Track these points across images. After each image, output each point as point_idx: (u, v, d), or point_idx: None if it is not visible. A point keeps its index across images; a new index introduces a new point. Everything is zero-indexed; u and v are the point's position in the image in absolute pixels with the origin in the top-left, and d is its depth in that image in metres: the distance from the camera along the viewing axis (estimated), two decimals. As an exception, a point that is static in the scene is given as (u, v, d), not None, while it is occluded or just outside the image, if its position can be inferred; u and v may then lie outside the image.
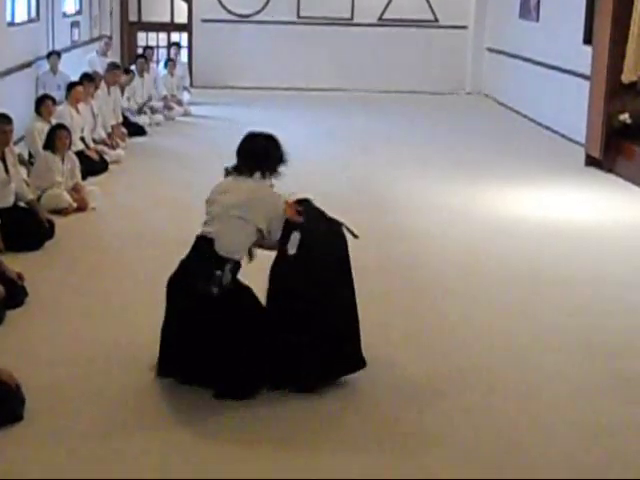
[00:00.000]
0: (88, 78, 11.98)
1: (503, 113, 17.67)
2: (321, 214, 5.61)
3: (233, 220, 5.26)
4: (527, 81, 16.89)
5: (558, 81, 15.10)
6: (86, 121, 11.50)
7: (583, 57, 13.28)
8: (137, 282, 7.08)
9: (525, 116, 16.71)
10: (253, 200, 5.35)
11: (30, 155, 10.40)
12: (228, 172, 5.58)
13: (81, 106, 11.33)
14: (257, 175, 5.49)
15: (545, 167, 12.37)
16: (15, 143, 9.03)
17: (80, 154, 10.32)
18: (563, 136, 14.54)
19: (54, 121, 10.06)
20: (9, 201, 8.00)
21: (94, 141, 11.71)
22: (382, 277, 7.52)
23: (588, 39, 13.46)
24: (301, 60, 19.86)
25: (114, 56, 17.65)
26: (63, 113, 10.71)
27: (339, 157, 12.80)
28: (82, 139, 11.18)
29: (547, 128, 15.39)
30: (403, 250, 8.30)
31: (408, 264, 7.90)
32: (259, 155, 5.67)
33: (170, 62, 16.57)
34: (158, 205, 9.77)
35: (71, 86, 11.33)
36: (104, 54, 16.19)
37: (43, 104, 10.29)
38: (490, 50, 19.58)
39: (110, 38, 17.29)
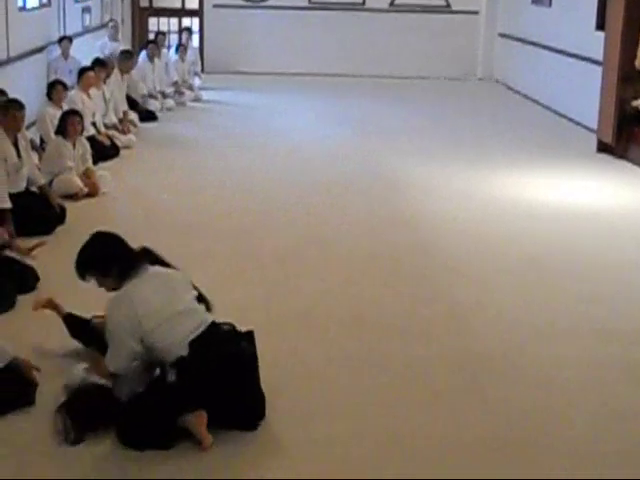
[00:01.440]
0: (100, 63, 11.97)
1: (515, 99, 17.61)
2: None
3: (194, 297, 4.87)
4: (539, 67, 16.82)
5: (570, 67, 15.04)
6: (97, 106, 11.50)
7: (596, 43, 13.21)
8: (148, 267, 7.08)
9: (537, 102, 16.65)
10: (177, 273, 4.99)
11: (42, 140, 10.41)
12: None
13: (92, 91, 11.33)
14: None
15: (557, 153, 12.33)
16: (27, 128, 9.02)
17: (91, 139, 10.33)
18: (575, 122, 14.49)
19: (65, 106, 10.07)
20: (21, 186, 8.01)
21: (105, 126, 11.72)
22: (394, 262, 7.52)
23: (601, 25, 13.38)
24: (312, 45, 19.82)
25: (125, 41, 17.64)
26: (74, 98, 10.72)
27: (349, 142, 12.78)
28: (93, 124, 11.18)
29: (559, 114, 15.33)
30: (414, 235, 8.29)
31: (419, 249, 7.89)
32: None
33: (181, 47, 16.54)
34: (169, 190, 9.78)
35: (82, 71, 11.33)
36: (115, 39, 16.19)
37: (54, 89, 10.30)
38: (502, 36, 19.50)
39: (116, 21, 17.22)
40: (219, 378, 4.56)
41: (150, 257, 4.86)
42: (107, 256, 4.76)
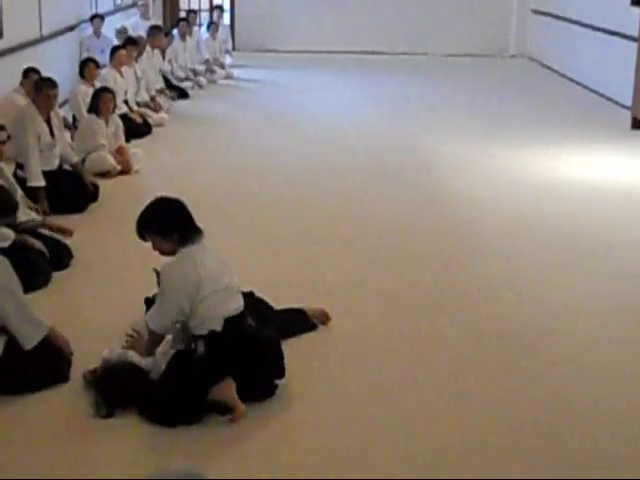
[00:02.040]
0: (131, 42, 12.00)
1: (548, 76, 17.45)
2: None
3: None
4: (573, 43, 16.65)
5: (605, 43, 14.87)
6: (129, 84, 11.53)
7: (631, 18, 13.07)
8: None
9: (571, 79, 16.49)
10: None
11: (74, 118, 10.45)
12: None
13: (124, 69, 11.36)
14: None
15: (590, 130, 12.22)
16: (59, 106, 9.07)
17: (123, 117, 10.35)
18: (609, 99, 14.34)
19: (98, 84, 10.10)
20: (54, 164, 8.06)
21: (137, 104, 11.76)
22: (425, 239, 7.50)
23: (636, 0, 13.23)
24: (344, 23, 19.71)
25: (156, 20, 17.63)
26: (107, 77, 10.76)
27: (381, 120, 12.73)
28: (126, 102, 11.21)
29: (593, 91, 15.18)
30: (446, 212, 8.26)
31: (450, 227, 7.86)
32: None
33: (213, 25, 16.54)
34: (201, 167, 9.80)
35: (115, 50, 11.36)
36: (146, 17, 16.19)
37: (87, 67, 10.33)
38: (535, 12, 19.31)
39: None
40: (246, 357, 4.65)
41: None
42: (171, 220, 4.79)
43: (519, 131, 12.10)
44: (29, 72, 9.30)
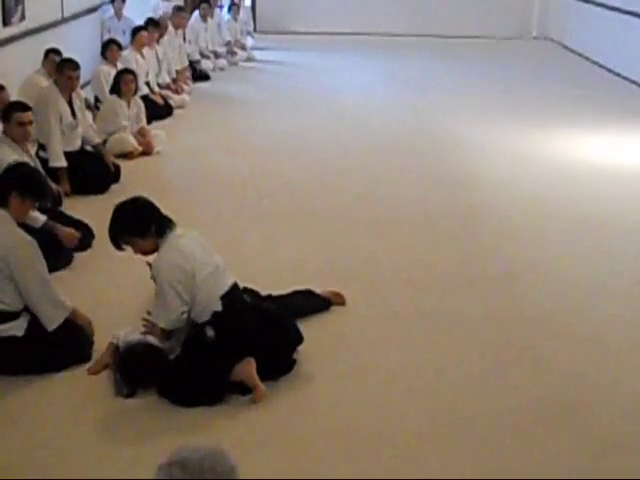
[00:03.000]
0: (153, 23, 11.99)
1: (571, 59, 17.34)
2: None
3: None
4: (596, 25, 16.52)
5: (629, 25, 14.74)
6: (151, 66, 11.52)
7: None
8: (202, 224, 7.10)
9: (594, 62, 16.37)
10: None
11: (96, 99, 10.47)
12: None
13: (146, 51, 11.35)
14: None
15: (615, 114, 12.14)
16: (81, 87, 9.09)
17: (145, 98, 10.35)
18: (634, 82, 14.23)
19: (120, 66, 10.11)
20: (76, 145, 8.08)
21: (159, 86, 11.75)
22: (447, 222, 7.48)
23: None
24: (364, 4, 19.63)
25: (177, 1, 17.61)
26: (128, 58, 10.75)
27: (403, 102, 12.69)
28: (147, 84, 11.22)
29: (617, 74, 15.06)
30: (468, 195, 8.24)
31: (473, 210, 7.84)
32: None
33: (234, 7, 16.51)
34: (222, 149, 9.80)
35: (136, 31, 11.36)
36: (168, -1, 16.19)
37: (109, 48, 10.34)
38: (558, -7, 19.20)
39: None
40: (254, 328, 4.69)
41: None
42: (143, 216, 4.76)
43: (541, 113, 12.03)
44: (50, 53, 9.33)
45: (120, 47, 10.51)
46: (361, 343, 5.25)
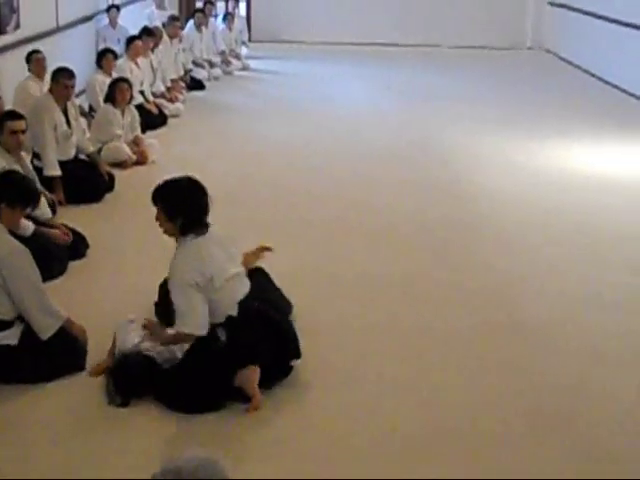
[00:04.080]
0: (148, 32, 12.01)
1: (564, 68, 17.38)
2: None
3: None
4: (589, 36, 16.58)
5: (622, 35, 14.80)
6: (145, 75, 11.55)
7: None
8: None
9: (587, 71, 16.41)
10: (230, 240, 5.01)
11: (91, 108, 10.48)
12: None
13: (140, 60, 11.37)
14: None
15: (607, 123, 12.17)
16: (76, 96, 9.09)
17: (139, 107, 10.36)
18: (628, 93, 14.26)
19: (115, 75, 10.12)
20: (70, 154, 8.08)
21: (153, 95, 11.77)
22: (442, 232, 7.49)
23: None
24: (359, 14, 19.65)
25: (172, 10, 17.63)
26: (123, 67, 10.77)
27: (397, 112, 12.72)
28: (141, 93, 11.23)
29: (609, 83, 15.10)
30: (462, 205, 8.25)
31: (466, 219, 7.85)
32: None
33: (229, 16, 16.53)
34: (216, 158, 9.81)
35: (130, 40, 11.38)
36: (162, 7, 16.19)
37: (104, 58, 10.36)
38: (551, 4, 19.23)
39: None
40: (266, 337, 4.70)
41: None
42: (183, 205, 4.69)
43: (535, 123, 12.06)
44: (31, 54, 9.31)
45: (116, 56, 10.53)
46: (356, 353, 5.26)
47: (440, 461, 4.17)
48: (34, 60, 9.20)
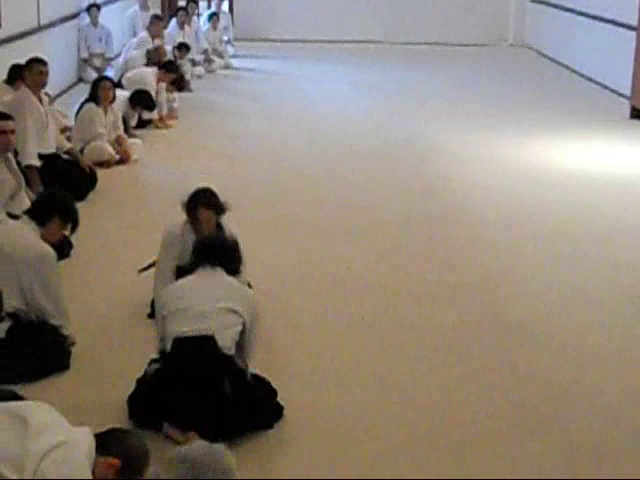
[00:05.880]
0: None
1: (546, 65, 17.42)
2: None
3: (224, 313, 4.40)
4: (571, 32, 16.62)
5: (603, 32, 14.84)
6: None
7: (629, 7, 13.04)
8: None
9: (569, 68, 16.45)
10: (241, 291, 4.61)
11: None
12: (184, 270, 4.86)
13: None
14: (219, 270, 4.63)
15: (589, 119, 12.21)
16: (54, 99, 9.02)
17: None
18: (608, 89, 14.31)
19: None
20: (50, 146, 8.03)
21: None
22: (425, 230, 7.51)
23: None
24: (342, 12, 19.64)
25: (155, 10, 17.57)
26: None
27: (380, 109, 12.73)
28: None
29: (591, 80, 15.14)
30: (445, 202, 8.27)
31: (449, 216, 7.87)
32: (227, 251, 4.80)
33: (214, 17, 16.42)
34: (199, 157, 9.78)
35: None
36: (145, 7, 16.11)
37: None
38: (533, 0, 19.28)
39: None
40: (185, 383, 4.27)
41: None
42: (204, 248, 4.72)
43: (517, 120, 12.08)
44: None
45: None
46: (339, 350, 5.26)
47: (427, 458, 4.18)
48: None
